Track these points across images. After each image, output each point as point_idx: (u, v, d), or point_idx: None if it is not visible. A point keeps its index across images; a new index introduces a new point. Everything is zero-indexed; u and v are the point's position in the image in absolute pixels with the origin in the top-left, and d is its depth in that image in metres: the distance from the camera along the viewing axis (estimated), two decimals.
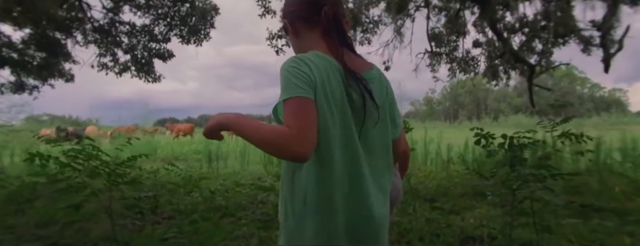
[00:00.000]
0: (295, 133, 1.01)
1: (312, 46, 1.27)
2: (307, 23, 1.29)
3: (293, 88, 1.08)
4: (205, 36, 8.15)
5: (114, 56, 8.46)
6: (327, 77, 1.14)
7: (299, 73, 1.10)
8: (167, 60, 8.39)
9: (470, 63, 9.28)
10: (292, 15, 1.33)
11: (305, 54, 1.18)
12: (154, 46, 8.33)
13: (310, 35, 1.29)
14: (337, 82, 1.17)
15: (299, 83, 1.08)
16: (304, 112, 1.06)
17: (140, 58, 8.38)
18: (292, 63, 1.13)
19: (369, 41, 8.10)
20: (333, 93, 1.15)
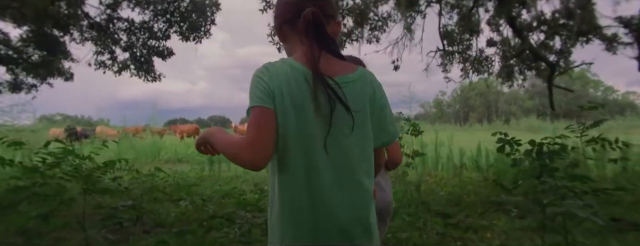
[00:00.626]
0: (245, 144, 1.07)
1: (295, 51, 1.26)
2: (291, 27, 1.27)
3: (253, 98, 1.12)
4: (206, 33, 7.80)
5: (113, 54, 8.13)
6: (288, 84, 1.13)
7: (259, 82, 1.13)
8: (167, 59, 8.06)
9: (484, 63, 8.82)
10: (279, 19, 1.31)
11: (273, 62, 1.19)
12: (153, 44, 7.99)
13: (294, 40, 1.27)
14: (301, 88, 1.14)
15: (258, 93, 1.11)
16: (258, 122, 1.09)
17: (140, 56, 8.04)
18: (258, 72, 1.16)
19: (377, 39, 7.68)
20: (294, 100, 1.13)
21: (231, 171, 9.90)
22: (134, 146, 14.90)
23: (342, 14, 6.87)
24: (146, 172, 8.20)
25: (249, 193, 5.75)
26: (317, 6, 1.21)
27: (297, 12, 1.21)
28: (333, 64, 1.20)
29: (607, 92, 70.78)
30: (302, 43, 1.20)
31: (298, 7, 1.22)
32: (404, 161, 6.04)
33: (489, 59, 8.74)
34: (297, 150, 1.13)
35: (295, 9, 1.23)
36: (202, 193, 6.53)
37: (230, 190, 6.55)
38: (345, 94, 1.15)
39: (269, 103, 1.10)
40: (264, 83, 1.12)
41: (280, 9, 1.32)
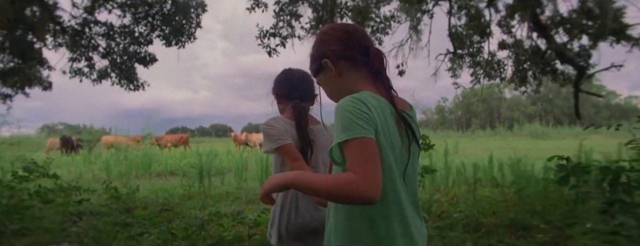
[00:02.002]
0: (361, 179, 1.03)
1: (358, 86, 1.28)
2: (352, 63, 1.30)
3: (355, 128, 1.09)
4: (190, 37, 7.09)
5: (90, 61, 7.42)
6: (384, 117, 1.17)
7: (359, 113, 1.12)
8: (149, 65, 7.35)
9: (495, 67, 8.12)
10: (335, 54, 1.31)
11: (360, 94, 1.18)
12: (134, 49, 7.28)
13: (354, 75, 1.30)
14: (389, 121, 1.19)
15: (361, 123, 1.10)
16: (367, 154, 1.07)
17: (120, 63, 7.34)
18: (351, 103, 1.14)
19: (380, 42, 6.98)
20: (390, 133, 1.18)
21: (224, 186, 9.21)
22: (126, 157, 14.29)
23: (340, 13, 6.21)
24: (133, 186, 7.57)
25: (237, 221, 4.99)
26: (372, 43, 1.34)
27: (359, 49, 1.28)
28: (398, 100, 1.29)
29: (609, 97, 70.15)
30: (368, 79, 1.28)
31: (361, 44, 1.30)
32: None
33: (500, 62, 8.02)
34: (389, 180, 1.15)
35: (358, 45, 1.29)
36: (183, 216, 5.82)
37: (213, 214, 5.83)
38: (416, 125, 1.30)
39: (373, 134, 1.11)
40: (365, 114, 1.12)
41: (335, 45, 1.32)
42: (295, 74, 2.10)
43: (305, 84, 2.08)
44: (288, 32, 6.06)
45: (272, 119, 1.99)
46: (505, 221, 4.95)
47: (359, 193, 1.02)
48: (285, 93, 2.07)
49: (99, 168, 13.37)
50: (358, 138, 1.07)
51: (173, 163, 13.85)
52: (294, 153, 1.89)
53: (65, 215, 5.52)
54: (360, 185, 1.02)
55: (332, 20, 5.85)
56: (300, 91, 2.04)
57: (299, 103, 1.99)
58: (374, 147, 1.09)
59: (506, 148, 18.39)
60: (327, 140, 2.05)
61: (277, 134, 1.91)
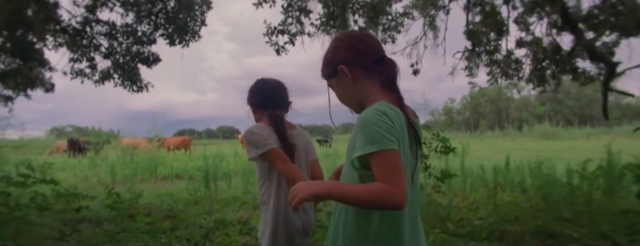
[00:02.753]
0: (394, 189, 1.13)
1: (372, 94, 1.34)
2: (366, 71, 1.35)
3: (382, 141, 1.16)
4: (194, 35, 6.80)
5: (91, 61, 7.16)
6: (402, 127, 1.25)
7: (386, 125, 1.18)
8: (153, 65, 7.07)
9: (513, 66, 7.77)
10: (350, 61, 1.36)
11: (380, 106, 1.24)
12: (137, 49, 7.01)
13: (368, 84, 1.36)
14: (406, 130, 1.27)
15: (387, 135, 1.17)
16: (396, 165, 1.16)
17: (123, 63, 7.07)
18: (378, 116, 1.20)
19: (393, 39, 6.65)
20: (405, 142, 1.26)
21: (230, 189, 8.92)
22: (133, 160, 14.11)
23: (353, 8, 5.89)
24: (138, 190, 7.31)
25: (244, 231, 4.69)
26: (384, 52, 1.41)
27: (374, 57, 1.36)
28: (406, 108, 1.36)
29: (619, 96, 69.28)
30: (382, 88, 1.35)
31: (376, 53, 1.37)
32: (431, 183, 4.99)
33: (518, 61, 7.67)
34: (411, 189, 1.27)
35: (373, 55, 1.36)
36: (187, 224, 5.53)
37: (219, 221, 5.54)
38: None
39: (397, 145, 1.18)
40: (389, 127, 1.19)
41: (351, 52, 1.37)
42: (268, 84, 2.18)
43: (279, 94, 2.17)
44: (297, 29, 5.74)
45: (254, 127, 2.04)
46: (531, 228, 4.61)
47: (391, 201, 1.12)
48: (260, 103, 2.14)
49: (105, 172, 13.15)
50: (386, 150, 1.15)
51: (179, 166, 13.59)
52: (283, 155, 1.95)
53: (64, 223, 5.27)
54: (392, 194, 1.11)
55: (344, 16, 5.56)
56: (274, 100, 2.12)
57: (273, 112, 2.07)
58: (399, 157, 1.17)
59: (518, 150, 18.00)
60: (306, 142, 2.22)
61: (262, 140, 1.96)
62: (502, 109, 70.69)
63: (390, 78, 1.34)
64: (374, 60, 1.35)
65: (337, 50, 1.41)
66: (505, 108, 70.24)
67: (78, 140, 22.60)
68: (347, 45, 1.39)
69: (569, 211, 4.94)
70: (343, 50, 1.38)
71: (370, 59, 1.35)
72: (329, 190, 1.22)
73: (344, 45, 1.40)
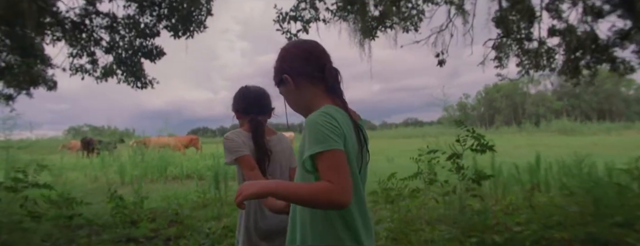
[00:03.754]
0: (337, 187, 1.16)
1: (317, 100, 1.41)
2: (310, 78, 1.42)
3: (327, 141, 1.21)
4: (199, 26, 6.31)
5: (92, 56, 6.73)
6: (348, 128, 1.31)
7: (331, 126, 1.23)
8: (156, 60, 6.61)
9: (544, 56, 7.16)
10: (294, 70, 1.43)
11: (327, 109, 1.31)
12: (140, 42, 6.56)
13: (312, 90, 1.43)
14: (352, 131, 1.33)
15: (332, 136, 1.22)
16: (340, 165, 1.19)
17: (125, 57, 6.62)
18: (323, 117, 1.25)
19: (415, 27, 6.08)
20: (352, 142, 1.31)
21: None
22: (144, 159, 13.81)
23: None
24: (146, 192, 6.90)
25: None
26: (330, 61, 1.47)
27: (317, 66, 1.42)
28: (351, 110, 1.43)
29: (639, 91, 67.62)
30: (326, 93, 1.42)
31: (318, 61, 1.43)
32: (463, 186, 4.45)
33: (551, 50, 7.06)
34: (354, 185, 1.28)
35: (315, 63, 1.43)
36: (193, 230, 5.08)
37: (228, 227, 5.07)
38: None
39: (342, 146, 1.23)
40: (335, 128, 1.24)
41: (295, 61, 1.45)
42: (251, 91, 2.27)
43: (261, 100, 2.25)
44: (311, 15, 5.20)
45: (231, 133, 2.14)
46: (581, 235, 4.04)
47: (334, 200, 1.16)
48: (243, 108, 2.22)
49: (115, 172, 12.84)
50: (331, 150, 1.19)
51: (190, 165, 13.21)
52: (250, 163, 2.01)
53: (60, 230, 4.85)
54: (335, 193, 1.15)
55: (363, 1, 5.03)
56: (257, 106, 2.20)
57: (255, 118, 2.15)
58: (345, 157, 1.22)
59: (537, 146, 17.25)
60: (284, 148, 2.24)
61: (235, 146, 2.05)
62: (517, 104, 69.58)
63: (330, 85, 1.40)
64: (317, 68, 1.41)
65: (282, 59, 1.48)
66: (521, 104, 69.12)
67: (91, 140, 22.51)
68: (292, 55, 1.46)
69: (621, 216, 4.36)
70: (287, 60, 1.46)
71: (313, 68, 1.41)
72: (274, 189, 1.25)
73: (288, 55, 1.47)
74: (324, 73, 1.41)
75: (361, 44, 5.56)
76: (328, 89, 1.41)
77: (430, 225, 4.69)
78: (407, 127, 60.03)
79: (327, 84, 1.41)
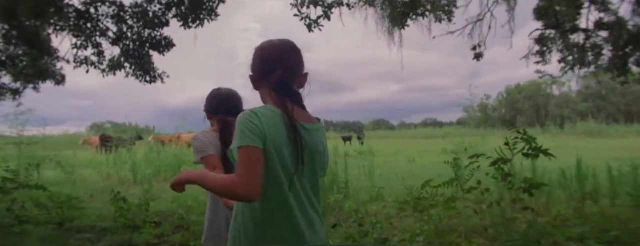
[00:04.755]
0: (241, 180, 1.25)
1: (266, 100, 1.52)
2: (264, 79, 1.50)
3: (244, 138, 1.30)
4: (210, 14, 5.81)
5: (98, 48, 6.29)
6: (276, 129, 1.36)
7: (251, 125, 1.32)
8: (165, 51, 6.15)
9: (589, 52, 6.48)
10: (255, 70, 1.54)
11: (259, 108, 1.41)
12: (149, 33, 6.09)
13: (267, 90, 1.51)
14: (283, 132, 1.37)
15: (249, 134, 1.30)
16: (250, 161, 1.28)
17: (133, 49, 6.16)
18: (247, 116, 1.35)
19: (449, 16, 5.47)
20: (281, 143, 1.36)
21: None
22: (159, 157, 13.52)
23: None
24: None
25: None
26: (286, 66, 1.49)
27: (269, 69, 1.48)
28: (302, 113, 1.48)
29: None
30: (273, 95, 1.47)
31: (270, 65, 1.49)
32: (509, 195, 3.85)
33: (597, 46, 6.37)
34: (274, 185, 1.35)
35: (268, 66, 1.49)
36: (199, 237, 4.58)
37: None
38: (314, 138, 1.48)
39: (259, 143, 1.30)
40: (255, 126, 1.32)
41: (256, 64, 1.55)
42: (222, 93, 2.40)
43: (231, 101, 2.37)
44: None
45: (199, 133, 2.28)
46: None
47: (238, 192, 1.25)
48: (213, 109, 2.36)
49: (128, 170, 12.52)
50: (245, 146, 1.28)
51: None
52: (213, 163, 2.13)
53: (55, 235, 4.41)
54: (239, 185, 1.24)
55: None
56: (226, 107, 2.32)
57: (223, 118, 2.27)
58: (257, 154, 1.29)
59: (564, 148, 16.38)
60: None
61: (201, 146, 2.18)
62: (540, 106, 67.90)
63: (273, 88, 1.45)
64: (270, 71, 1.46)
65: (252, 59, 1.57)
66: (544, 105, 67.44)
67: (110, 136, 22.52)
68: (256, 55, 1.56)
69: None
70: (253, 62, 1.56)
71: (265, 70, 1.49)
72: (197, 177, 1.40)
73: (255, 56, 1.56)
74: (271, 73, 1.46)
75: (390, 32, 5.00)
76: (273, 91, 1.46)
77: (467, 238, 4.11)
78: (426, 127, 59.03)
79: (272, 87, 1.46)
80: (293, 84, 1.50)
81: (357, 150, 18.79)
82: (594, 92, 64.74)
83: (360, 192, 7.54)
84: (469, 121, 62.32)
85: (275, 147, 1.33)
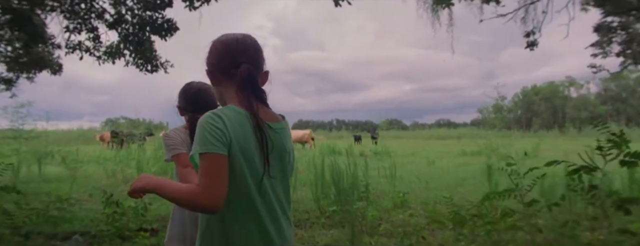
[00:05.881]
0: (201, 190, 1.15)
1: (229, 98, 1.39)
2: (227, 75, 1.38)
3: (206, 144, 1.19)
4: None
5: (93, 32, 5.61)
6: (242, 131, 1.26)
7: (213, 129, 1.20)
8: (168, 36, 5.45)
9: None
10: (212, 66, 1.42)
11: (222, 109, 1.29)
12: (150, 16, 5.40)
13: (228, 87, 1.38)
14: (250, 133, 1.28)
15: (212, 139, 1.19)
16: (213, 169, 1.18)
17: (132, 33, 5.48)
18: (209, 119, 1.23)
19: None
20: (248, 146, 1.26)
21: None
22: None
23: None
24: None
25: None
26: (251, 60, 1.38)
27: (233, 63, 1.36)
28: (267, 112, 1.39)
29: None
30: (237, 92, 1.33)
31: (234, 59, 1.36)
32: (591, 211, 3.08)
33: None
34: (242, 189, 1.26)
35: (231, 60, 1.36)
36: None
37: None
38: (281, 137, 1.39)
39: (223, 149, 1.19)
40: (219, 131, 1.20)
41: (215, 57, 1.41)
42: (193, 88, 2.27)
43: (201, 97, 2.24)
44: None
45: (170, 130, 2.23)
46: None
47: (199, 203, 1.15)
48: (184, 105, 2.26)
49: (134, 167, 11.93)
50: (207, 153, 1.17)
51: None
52: (185, 161, 2.03)
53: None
54: (200, 197, 1.15)
55: None
56: (197, 103, 2.20)
57: (192, 115, 2.13)
58: (220, 162, 1.19)
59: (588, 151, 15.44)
60: None
61: (172, 144, 2.11)
62: (557, 108, 66.59)
63: (240, 85, 1.34)
64: (233, 65, 1.35)
65: (208, 54, 1.45)
66: (562, 107, 66.13)
67: (121, 132, 22.38)
68: (214, 50, 1.42)
69: None
70: (209, 55, 1.43)
71: (230, 64, 1.36)
72: (157, 186, 1.28)
73: (211, 50, 1.43)
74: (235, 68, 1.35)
75: (434, 10, 4.26)
76: (239, 88, 1.34)
77: None
78: (440, 127, 58.17)
79: (238, 83, 1.34)
80: None
81: (372, 149, 18.06)
82: (613, 95, 63.20)
83: (382, 197, 6.83)
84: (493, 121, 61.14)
85: (241, 150, 1.25)
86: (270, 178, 1.33)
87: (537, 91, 68.54)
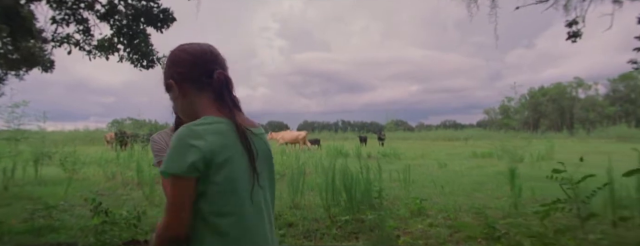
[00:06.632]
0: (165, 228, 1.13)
1: (202, 108, 1.29)
2: (197, 85, 1.31)
3: (173, 164, 1.11)
4: None
5: (83, 24, 5.13)
6: (225, 140, 1.19)
7: (187, 147, 1.12)
8: (164, 27, 4.97)
9: None
10: (180, 76, 1.32)
11: (201, 123, 1.19)
12: (144, 5, 4.91)
13: (199, 97, 1.31)
14: (233, 142, 1.21)
15: (182, 159, 1.10)
16: (177, 202, 1.12)
17: (126, 25, 4.99)
18: (185, 134, 1.14)
19: None
20: (235, 156, 1.19)
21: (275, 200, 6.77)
22: None
23: None
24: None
25: None
26: (221, 66, 1.32)
27: (204, 72, 1.28)
28: (244, 118, 1.33)
29: None
30: (213, 101, 1.27)
31: (207, 67, 1.29)
32: None
33: None
34: (237, 202, 1.19)
35: (202, 68, 1.29)
36: None
37: None
38: (264, 142, 1.35)
39: (192, 172, 1.11)
40: (193, 148, 1.11)
41: (182, 67, 1.32)
42: None
43: None
44: None
45: (156, 135, 2.18)
46: None
47: (167, 237, 1.13)
48: None
49: (135, 169, 11.46)
50: (173, 175, 1.10)
51: None
52: None
53: None
54: (164, 229, 1.13)
55: None
56: None
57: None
58: (185, 185, 1.11)
59: (598, 153, 14.91)
60: None
61: (157, 150, 2.09)
62: (565, 109, 65.87)
63: (218, 92, 1.28)
64: (205, 73, 1.29)
65: (170, 64, 1.36)
66: (569, 108, 65.40)
67: (125, 133, 22.29)
68: (178, 59, 1.33)
69: None
70: (174, 65, 1.34)
71: (201, 73, 1.29)
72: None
73: (176, 60, 1.34)
74: (211, 79, 1.28)
75: None
76: (216, 97, 1.28)
77: None
78: (446, 129, 57.60)
79: (214, 91, 1.28)
80: None
81: (380, 151, 17.54)
82: (622, 96, 62.42)
83: (395, 204, 6.32)
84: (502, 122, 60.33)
85: (228, 161, 1.16)
86: (258, 186, 1.26)
87: (545, 92, 67.85)
